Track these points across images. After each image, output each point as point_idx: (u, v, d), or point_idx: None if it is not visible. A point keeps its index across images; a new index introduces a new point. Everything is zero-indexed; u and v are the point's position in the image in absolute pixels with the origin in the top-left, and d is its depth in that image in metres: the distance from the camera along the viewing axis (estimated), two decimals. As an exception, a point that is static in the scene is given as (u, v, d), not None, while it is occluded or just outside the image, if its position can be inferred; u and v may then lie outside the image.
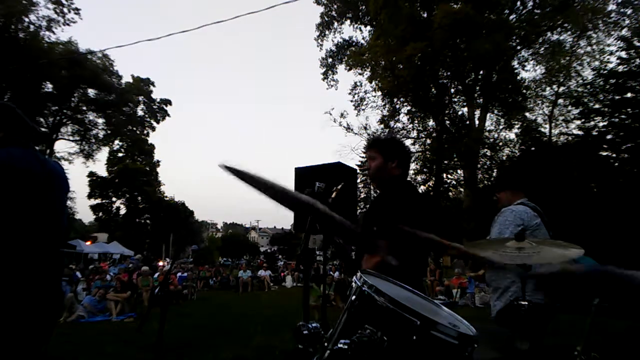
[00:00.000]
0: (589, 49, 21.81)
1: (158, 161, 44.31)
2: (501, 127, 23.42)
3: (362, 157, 42.90)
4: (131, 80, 37.92)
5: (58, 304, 2.11)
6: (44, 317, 1.97)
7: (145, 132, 41.22)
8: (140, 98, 38.97)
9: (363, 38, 27.40)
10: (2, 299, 1.78)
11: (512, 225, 2.71)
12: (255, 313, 9.69)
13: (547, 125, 24.63)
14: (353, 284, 1.37)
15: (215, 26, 14.55)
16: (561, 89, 23.68)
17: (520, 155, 21.63)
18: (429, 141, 24.06)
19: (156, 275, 13.88)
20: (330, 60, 27.65)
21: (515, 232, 2.07)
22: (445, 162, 23.47)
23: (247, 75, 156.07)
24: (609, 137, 21.23)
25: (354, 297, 1.31)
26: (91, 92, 34.98)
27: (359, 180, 33.78)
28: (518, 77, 22.39)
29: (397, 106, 24.30)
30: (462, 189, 24.66)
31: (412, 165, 24.58)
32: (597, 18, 20.16)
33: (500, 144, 22.89)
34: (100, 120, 37.05)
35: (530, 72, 44.41)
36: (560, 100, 24.13)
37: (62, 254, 2.21)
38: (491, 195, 3.30)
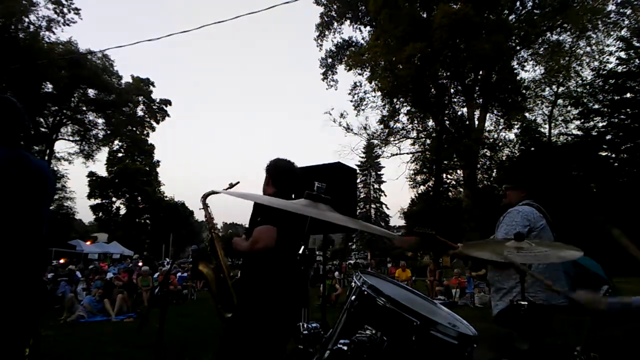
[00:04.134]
0: (588, 49, 21.84)
1: (158, 161, 44.32)
2: (501, 127, 23.41)
3: (362, 157, 43.07)
4: (131, 80, 37.89)
5: (39, 301, 2.08)
6: (24, 315, 1.93)
7: (145, 132, 41.21)
8: (140, 98, 38.93)
9: (363, 38, 27.45)
10: None
11: (520, 226, 2.70)
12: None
13: (547, 126, 24.66)
14: (353, 284, 1.37)
15: (215, 26, 14.54)
16: (560, 89, 23.69)
17: (523, 155, 21.62)
18: (428, 141, 24.04)
19: (156, 275, 13.88)
20: (330, 60, 27.67)
21: (523, 232, 2.06)
22: (445, 162, 23.45)
23: (247, 75, 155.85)
24: (608, 137, 21.22)
25: (353, 297, 1.31)
26: (91, 92, 34.98)
27: (358, 181, 33.85)
28: (517, 78, 22.36)
29: (397, 106, 24.29)
30: (462, 189, 24.64)
31: (412, 165, 24.61)
32: (596, 18, 20.16)
33: (500, 144, 22.88)
34: (100, 120, 37.09)
35: (529, 72, 44.32)
36: (560, 101, 24.14)
37: (43, 253, 2.18)
38: (491, 195, 3.32)
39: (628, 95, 20.49)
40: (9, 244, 1.88)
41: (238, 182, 3.07)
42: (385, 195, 52.47)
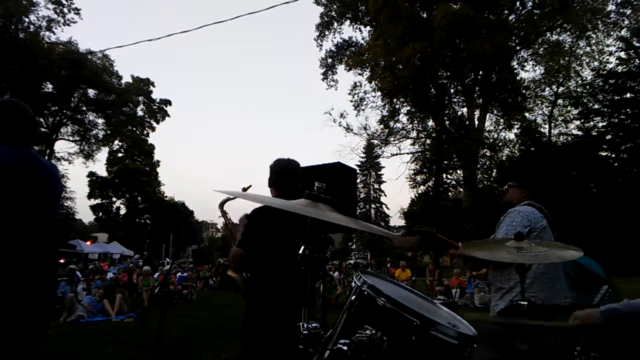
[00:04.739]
0: (588, 49, 21.84)
1: (158, 161, 44.33)
2: (501, 127, 23.45)
3: (362, 157, 43.12)
4: (131, 81, 37.90)
5: (51, 303, 2.08)
6: (36, 317, 1.93)
7: (145, 132, 41.22)
8: (140, 98, 38.94)
9: (363, 38, 27.46)
10: None
11: (520, 226, 2.68)
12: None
13: (547, 126, 24.68)
14: (353, 284, 1.37)
15: (215, 26, 14.56)
16: (560, 89, 23.70)
17: (525, 155, 21.64)
18: (428, 141, 24.06)
19: (156, 275, 13.88)
20: (330, 60, 27.68)
21: (523, 232, 2.06)
22: (445, 162, 23.47)
23: (247, 75, 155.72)
24: (608, 137, 21.26)
25: (353, 297, 1.31)
26: (91, 92, 34.99)
27: (358, 181, 33.84)
28: (517, 78, 22.39)
29: (397, 106, 24.32)
30: (462, 189, 24.66)
31: (412, 165, 24.62)
32: (596, 18, 20.16)
33: (500, 144, 22.90)
34: (100, 121, 37.09)
35: (529, 72, 44.41)
36: (560, 101, 24.17)
37: (56, 254, 2.19)
38: (491, 195, 3.31)
39: (628, 95, 20.53)
40: (18, 245, 1.88)
41: (250, 186, 3.08)
42: (385, 195, 52.52)
